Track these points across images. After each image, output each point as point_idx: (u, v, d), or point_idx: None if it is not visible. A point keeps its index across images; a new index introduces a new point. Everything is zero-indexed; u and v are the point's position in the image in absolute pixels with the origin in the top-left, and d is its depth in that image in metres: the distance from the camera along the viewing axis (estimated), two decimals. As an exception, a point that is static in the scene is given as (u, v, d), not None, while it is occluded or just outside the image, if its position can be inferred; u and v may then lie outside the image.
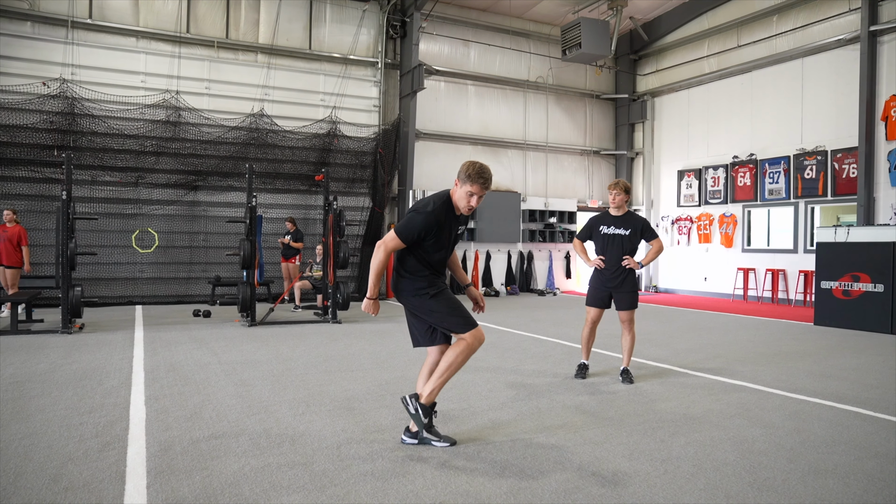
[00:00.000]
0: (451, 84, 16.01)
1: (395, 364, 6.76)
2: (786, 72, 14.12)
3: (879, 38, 12.28)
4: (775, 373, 6.48)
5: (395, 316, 11.20)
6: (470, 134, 16.20)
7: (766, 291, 14.36)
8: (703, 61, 16.02)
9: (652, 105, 17.63)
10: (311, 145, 14.00)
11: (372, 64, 14.97)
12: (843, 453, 3.99)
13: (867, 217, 12.23)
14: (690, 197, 16.42)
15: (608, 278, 6.03)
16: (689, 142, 16.56)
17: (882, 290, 9.48)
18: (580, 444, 4.11)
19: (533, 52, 16.87)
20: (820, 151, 13.37)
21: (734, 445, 4.11)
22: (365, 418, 4.65)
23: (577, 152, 17.92)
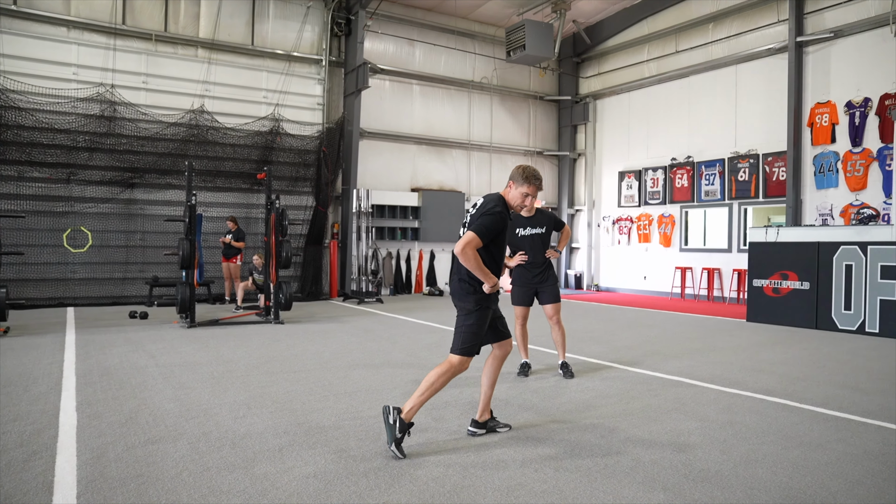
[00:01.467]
0: (396, 83, 15.97)
1: (339, 364, 6.70)
2: (721, 77, 14.62)
3: (805, 48, 12.85)
4: (710, 368, 6.71)
5: (337, 316, 11.11)
6: (415, 133, 16.20)
7: (703, 289, 14.84)
8: (643, 65, 16.44)
9: (594, 107, 17.99)
10: (253, 143, 13.73)
11: (316, 61, 14.79)
12: (772, 443, 4.16)
13: (795, 218, 12.79)
14: (631, 197, 16.83)
15: (533, 276, 6.25)
16: (629, 144, 16.96)
17: (808, 288, 9.93)
18: (522, 442, 4.16)
19: (478, 52, 16.99)
20: (752, 155, 13.90)
21: (671, 439, 4.24)
22: (308, 420, 4.60)
23: (521, 153, 18.13)
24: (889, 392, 5.67)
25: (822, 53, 12.65)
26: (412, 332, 9.22)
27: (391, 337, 8.76)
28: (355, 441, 4.12)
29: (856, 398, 5.42)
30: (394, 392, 5.47)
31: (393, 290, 15.64)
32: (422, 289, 16.07)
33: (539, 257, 6.23)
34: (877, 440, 4.27)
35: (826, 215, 12.44)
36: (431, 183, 16.52)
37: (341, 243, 14.91)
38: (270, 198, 10.30)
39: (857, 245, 9.37)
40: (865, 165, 11.90)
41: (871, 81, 11.87)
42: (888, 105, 11.51)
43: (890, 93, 11.56)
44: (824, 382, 6.05)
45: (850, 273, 9.43)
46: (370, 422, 4.55)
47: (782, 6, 13.21)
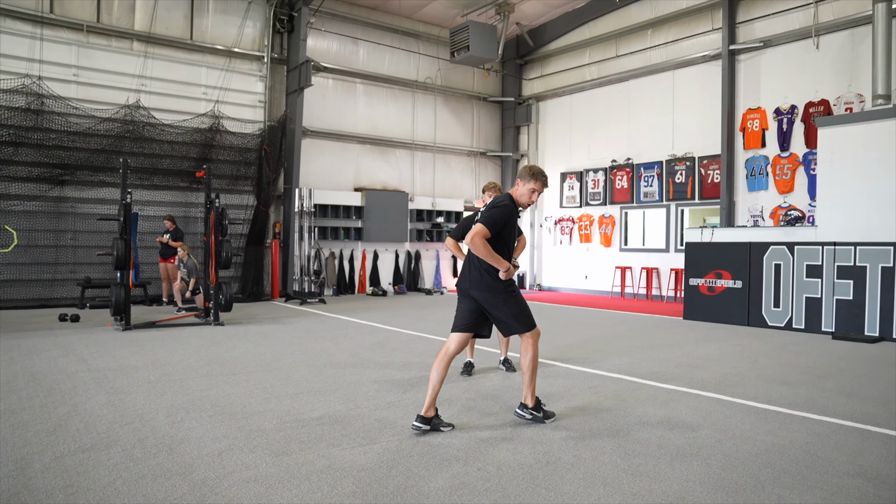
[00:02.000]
0: (339, 82, 15.82)
1: (281, 366, 6.60)
2: (659, 82, 15.04)
3: (737, 56, 13.35)
4: (648, 365, 6.89)
5: (279, 317, 10.94)
6: (358, 133, 16.08)
7: (642, 288, 15.24)
8: (584, 69, 16.76)
9: (537, 109, 18.24)
10: (191, 140, 13.37)
11: (258, 58, 14.51)
12: (706, 437, 4.31)
13: (729, 219, 13.27)
14: (572, 198, 17.14)
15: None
16: (571, 145, 17.27)
17: (741, 286, 10.32)
18: (466, 441, 4.19)
19: (422, 52, 16.99)
20: (689, 157, 14.35)
21: (611, 435, 4.33)
22: (248, 423, 4.51)
23: (465, 153, 18.23)
24: (813, 384, 5.95)
25: (752, 62, 13.17)
26: (355, 333, 9.15)
27: (334, 338, 8.68)
28: (297, 444, 4.07)
29: (783, 391, 5.67)
30: (336, 393, 5.42)
31: (336, 291, 15.49)
32: (365, 289, 15.98)
33: None
34: (801, 430, 4.47)
35: (757, 216, 12.96)
36: (375, 183, 16.44)
37: (283, 243, 14.68)
38: (210, 197, 10.06)
39: (785, 245, 9.80)
40: (793, 169, 12.44)
41: (798, 90, 12.42)
42: (813, 112, 12.07)
43: (814, 101, 12.11)
44: (755, 377, 6.29)
45: (778, 272, 9.85)
46: (312, 424, 4.50)
47: (716, 15, 13.69)
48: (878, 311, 8.80)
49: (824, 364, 7.04)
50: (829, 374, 6.51)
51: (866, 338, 8.69)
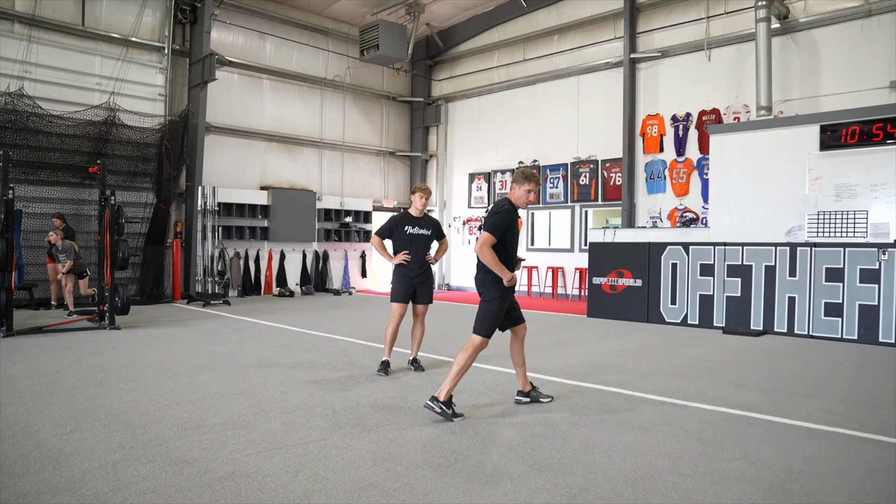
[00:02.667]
0: (245, 77, 15.36)
1: (182, 370, 6.34)
2: (564, 87, 15.51)
3: (638, 64, 13.98)
4: (554, 362, 7.10)
5: (181, 320, 10.51)
6: (265, 130, 15.67)
7: (548, 287, 15.66)
8: (493, 71, 17.04)
9: (446, 110, 18.39)
10: (84, 133, 12.58)
11: (157, 49, 13.86)
12: (608, 430, 4.48)
13: (630, 220, 13.87)
14: (480, 199, 17.39)
15: (415, 275, 6.36)
16: (479, 146, 17.52)
17: (640, 285, 10.80)
18: (374, 442, 4.17)
19: (331, 50, 16.76)
20: (592, 160, 14.88)
21: (517, 431, 4.43)
22: (146, 431, 4.30)
23: (374, 153, 18.13)
24: (705, 377, 6.32)
25: (651, 70, 13.81)
26: (261, 335, 8.92)
27: (239, 340, 8.42)
28: (199, 451, 3.92)
29: (678, 384, 5.98)
30: (241, 397, 5.26)
31: (241, 292, 15.04)
32: (272, 290, 15.60)
33: (422, 258, 6.39)
34: (695, 420, 4.74)
35: (656, 218, 13.60)
36: (282, 181, 16.08)
37: (185, 243, 14.10)
38: (105, 193, 9.53)
39: (681, 245, 10.34)
40: (688, 173, 13.15)
41: (692, 98, 13.14)
42: (705, 120, 12.81)
43: (706, 109, 12.85)
44: (653, 371, 6.61)
45: (675, 271, 10.39)
46: (216, 430, 4.35)
47: (618, 24, 14.27)
48: (762, 307, 9.45)
49: (715, 357, 7.48)
50: (720, 366, 6.92)
51: (752, 331, 9.30)
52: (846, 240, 8.93)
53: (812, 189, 9.30)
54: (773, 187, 9.63)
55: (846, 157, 9.05)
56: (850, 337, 8.70)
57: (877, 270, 8.52)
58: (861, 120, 8.95)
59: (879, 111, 8.90)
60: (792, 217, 9.44)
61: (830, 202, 9.16)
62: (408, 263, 6.32)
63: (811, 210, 9.28)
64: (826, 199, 9.19)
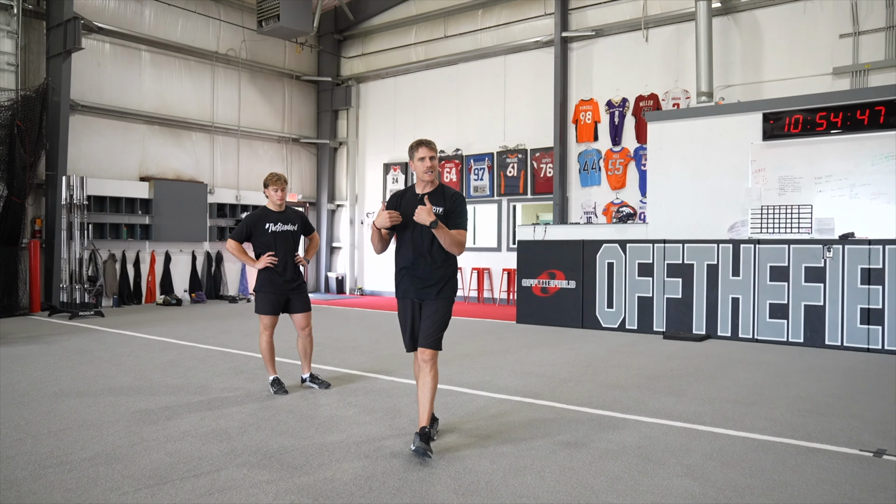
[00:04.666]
0: (119, 47, 14.73)
1: (41, 396, 6.01)
2: (490, 67, 15.70)
3: (570, 44, 14.31)
4: (479, 373, 7.15)
5: (41, 335, 9.99)
6: (144, 110, 15.09)
7: (473, 290, 15.80)
8: (410, 49, 17.05)
9: (357, 91, 18.27)
10: (-86, 111, 11.77)
11: (4, 8, 13.07)
12: (540, 448, 4.54)
13: (562, 216, 14.18)
14: (398, 192, 17.33)
15: (287, 280, 6.21)
16: (395, 133, 17.50)
17: (574, 287, 11.05)
18: (275, 471, 4.07)
19: (223, 19, 16.32)
20: (521, 150, 15.12)
21: (440, 453, 4.42)
22: (-5, 469, 4.04)
23: (275, 139, 17.80)
24: (644, 386, 6.52)
25: (585, 51, 14.17)
26: (141, 351, 8.58)
27: (114, 357, 8.07)
28: (62, 493, 3.70)
29: (616, 395, 6.14)
30: (116, 426, 5.03)
31: (118, 301, 14.43)
32: (155, 298, 15.05)
33: (291, 259, 6.22)
34: (634, 434, 4.88)
35: (590, 213, 13.97)
36: (166, 171, 15.53)
37: (46, 243, 13.39)
38: (-58, 184, 8.93)
39: (618, 243, 10.65)
40: (624, 164, 13.56)
41: (629, 82, 13.57)
42: (643, 106, 13.25)
43: (644, 95, 13.30)
44: (588, 381, 6.76)
45: (611, 271, 10.68)
46: (84, 466, 4.13)
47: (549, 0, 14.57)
48: (705, 310, 9.85)
49: (655, 365, 7.73)
50: (660, 374, 7.16)
51: (694, 336, 9.69)
52: (790, 236, 9.44)
53: (755, 181, 9.78)
54: (715, 180, 10.07)
55: (790, 147, 9.57)
56: (795, 340, 9.18)
57: (822, 269, 9.03)
58: (804, 108, 9.48)
59: (822, 99, 9.46)
60: (734, 212, 9.89)
61: (774, 196, 9.65)
62: (275, 266, 6.13)
63: (754, 204, 9.76)
64: (770, 192, 9.68)
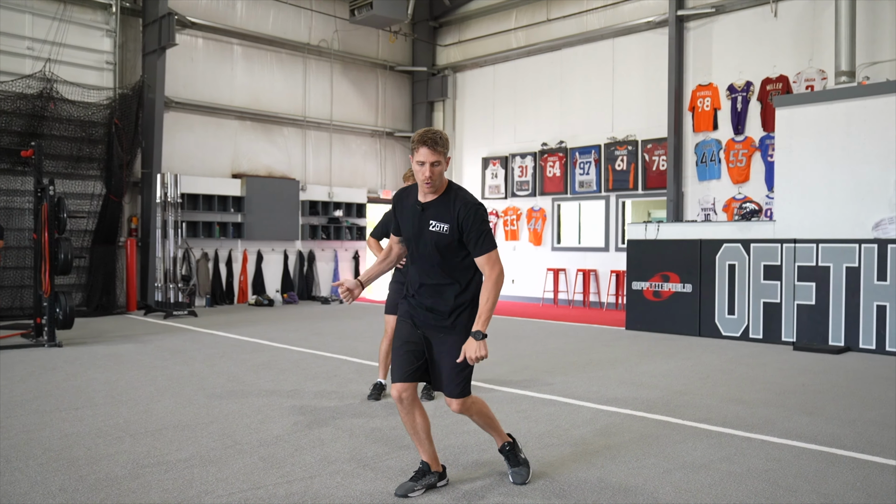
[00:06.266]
0: (211, 41, 15.39)
1: (138, 396, 6.35)
2: (597, 52, 15.48)
3: (686, 23, 13.92)
4: (586, 384, 7.06)
5: (137, 335, 10.55)
6: (236, 106, 15.70)
7: (578, 294, 15.62)
8: (510, 34, 17.03)
9: (454, 81, 18.39)
10: (14, 109, 12.60)
11: (103, 7, 13.88)
12: (653, 466, 4.44)
13: (677, 213, 13.82)
14: (496, 188, 17.38)
15: None
16: (494, 125, 17.51)
17: (690, 291, 10.75)
18: (370, 481, 4.14)
19: (315, 9, 16.78)
20: (631, 141, 14.84)
21: (543, 468, 4.40)
22: (93, 470, 4.30)
23: (368, 133, 18.15)
24: (772, 403, 6.26)
25: (703, 30, 13.76)
26: (234, 352, 8.92)
27: (207, 358, 8.44)
28: (159, 493, 3.90)
29: (739, 411, 5.93)
30: (210, 427, 5.25)
31: (210, 301, 15.08)
32: (247, 298, 15.63)
33: None
34: (761, 456, 4.69)
35: (709, 210, 13.55)
36: (258, 167, 16.11)
37: (141, 242, 14.16)
38: (42, 182, 9.57)
39: (741, 243, 10.28)
40: (748, 155, 13.08)
41: (753, 64, 13.07)
42: (770, 90, 12.73)
43: (772, 77, 12.78)
44: (707, 395, 6.56)
45: (733, 274, 10.32)
46: (179, 467, 4.34)
47: (662, -26, 14.24)
48: (843, 318, 9.37)
49: (784, 379, 7.42)
50: (790, 390, 6.86)
51: (830, 348, 9.23)
52: (943, 235, 8.86)
53: (901, 173, 9.22)
54: (856, 171, 9.54)
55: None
56: (949, 354, 8.63)
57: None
58: (961, 89, 8.88)
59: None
60: (880, 208, 9.34)
61: (924, 189, 9.08)
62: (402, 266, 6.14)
63: (903, 199, 9.20)
64: (919, 185, 9.11)
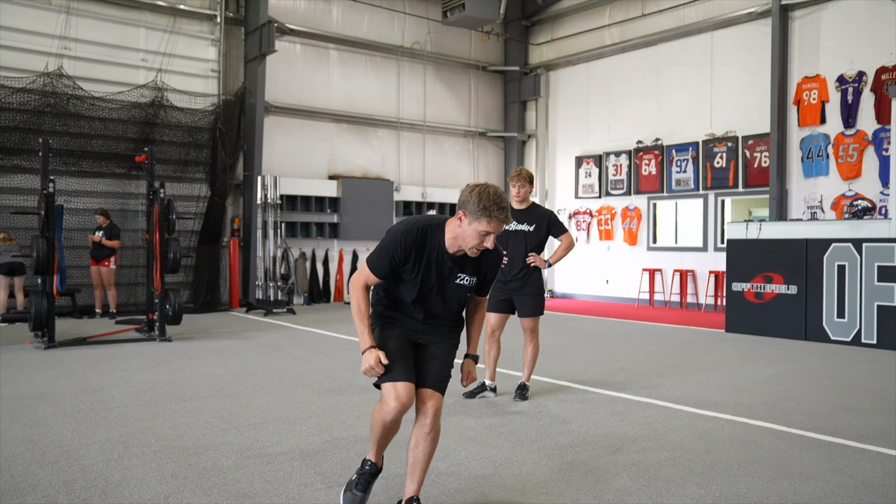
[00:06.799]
0: (308, 47, 15.78)
1: (241, 390, 6.57)
2: (694, 46, 15.06)
3: (791, 13, 13.37)
4: (684, 387, 6.88)
5: (239, 331, 10.91)
6: (332, 109, 16.04)
7: (674, 295, 15.25)
8: (604, 31, 16.77)
9: (546, 80, 18.25)
10: (129, 117, 13.29)
11: (209, 17, 14.45)
12: (756, 475, 4.29)
13: (780, 211, 13.29)
14: (590, 187, 17.15)
15: (510, 280, 6.30)
16: (588, 124, 17.28)
17: (795, 293, 10.32)
18: (467, 479, 4.16)
19: (408, 12, 16.97)
20: (730, 137, 14.37)
21: (639, 472, 4.31)
22: (201, 459, 4.47)
23: (461, 133, 18.22)
24: (889, 413, 5.93)
25: (810, 19, 13.19)
26: (332, 349, 9.12)
27: (306, 355, 8.65)
28: (261, 484, 4.03)
29: (851, 420, 5.65)
30: (309, 422, 5.38)
31: (308, 299, 15.46)
32: (343, 296, 15.94)
33: (520, 259, 6.26)
34: (876, 469, 4.45)
35: (815, 208, 12.99)
36: (353, 169, 16.41)
37: (243, 242, 14.64)
38: (153, 186, 10.02)
39: (851, 242, 9.80)
40: (859, 150, 12.46)
41: (866, 53, 12.42)
42: (885, 80, 12.08)
43: (887, 66, 12.10)
44: (815, 402, 6.29)
45: (843, 275, 9.85)
46: (280, 460, 4.47)
47: (764, -36, 13.73)
48: (961, 322, 8.82)
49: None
50: (904, 397, 6.51)
51: (947, 353, 8.71)
52: None
53: None
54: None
55: None
56: None
57: None
58: None
59: None
60: None
61: None
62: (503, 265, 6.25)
63: None
64: None
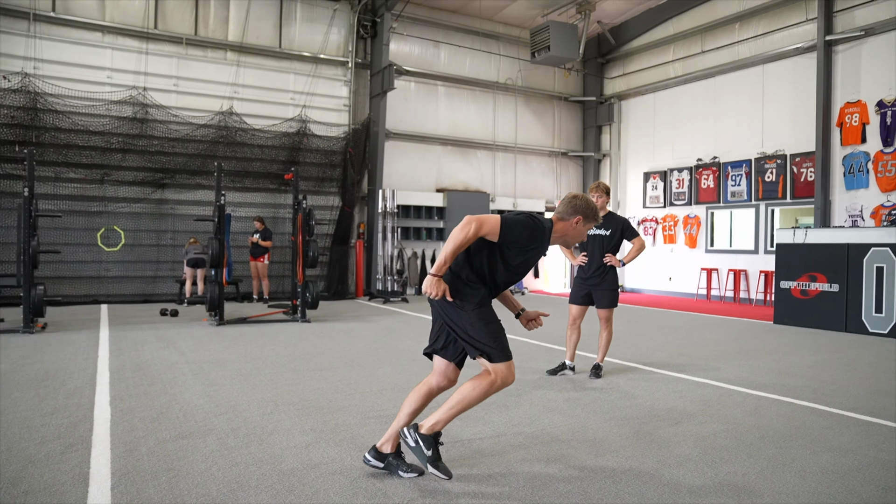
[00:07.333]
0: (421, 84, 15.99)
1: (364, 363, 6.73)
2: (747, 77, 14.40)
3: (834, 47, 12.60)
4: (736, 370, 6.61)
5: (363, 315, 11.15)
6: (439, 134, 16.21)
7: (729, 291, 14.62)
8: (668, 66, 16.25)
9: (619, 108, 17.84)
10: (280, 144, 13.85)
11: (342, 63, 14.87)
12: (800, 447, 4.08)
13: (824, 219, 12.54)
14: (656, 198, 16.65)
15: (589, 276, 6.27)
16: (654, 144, 16.78)
17: (837, 290, 9.73)
18: (545, 442, 4.14)
19: (502, 53, 16.93)
20: (780, 155, 13.66)
21: (696, 442, 4.18)
22: (333, 417, 4.62)
23: (546, 153, 18.04)
24: (921, 396, 5.54)
25: (852, 52, 12.39)
26: (436, 332, 9.20)
27: (416, 336, 8.77)
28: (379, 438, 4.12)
29: (887, 403, 5.29)
30: (418, 391, 5.47)
31: (418, 290, 15.66)
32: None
33: (597, 259, 6.20)
34: (908, 445, 4.17)
35: (856, 216, 12.19)
36: (456, 183, 16.52)
37: (367, 243, 14.98)
38: (297, 198, 10.38)
39: (889, 247, 9.15)
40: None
41: (903, 81, 11.59)
42: (920, 105, 11.24)
43: (922, 92, 11.28)
44: (854, 386, 5.92)
45: (881, 275, 9.22)
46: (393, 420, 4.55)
47: (811, 5, 12.97)
48: None
49: (932, 374, 6.54)
50: (938, 384, 6.04)
51: (980, 347, 8.01)
52: None
53: None
54: None
55: None
56: None
57: None
58: None
59: None
60: None
61: None
62: (584, 264, 6.25)
63: None
64: None
